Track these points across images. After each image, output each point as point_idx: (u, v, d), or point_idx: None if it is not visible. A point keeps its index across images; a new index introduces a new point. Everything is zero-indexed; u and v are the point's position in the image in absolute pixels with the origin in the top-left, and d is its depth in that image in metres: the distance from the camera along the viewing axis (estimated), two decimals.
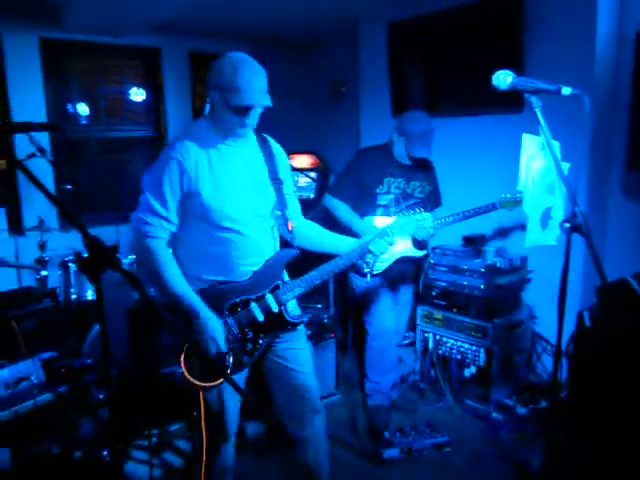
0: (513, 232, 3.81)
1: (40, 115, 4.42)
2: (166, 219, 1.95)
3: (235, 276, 2.06)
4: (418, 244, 3.13)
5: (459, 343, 3.57)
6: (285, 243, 2.20)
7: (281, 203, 2.16)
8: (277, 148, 2.24)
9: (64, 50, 4.67)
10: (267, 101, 1.96)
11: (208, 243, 2.02)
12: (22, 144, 3.66)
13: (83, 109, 4.93)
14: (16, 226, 4.34)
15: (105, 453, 2.79)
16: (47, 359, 2.51)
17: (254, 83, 1.92)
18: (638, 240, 3.32)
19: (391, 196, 3.17)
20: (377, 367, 3.40)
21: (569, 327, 3.11)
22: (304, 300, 4.74)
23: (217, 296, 2.02)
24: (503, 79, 1.72)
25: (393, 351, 3.44)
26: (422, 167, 3.25)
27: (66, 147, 4.74)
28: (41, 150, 3.51)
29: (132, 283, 1.28)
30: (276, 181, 2.14)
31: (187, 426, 3.17)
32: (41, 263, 3.50)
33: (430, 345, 3.74)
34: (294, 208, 2.30)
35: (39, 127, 1.30)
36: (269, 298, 2.09)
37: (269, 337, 2.12)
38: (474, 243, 3.77)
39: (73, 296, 3.41)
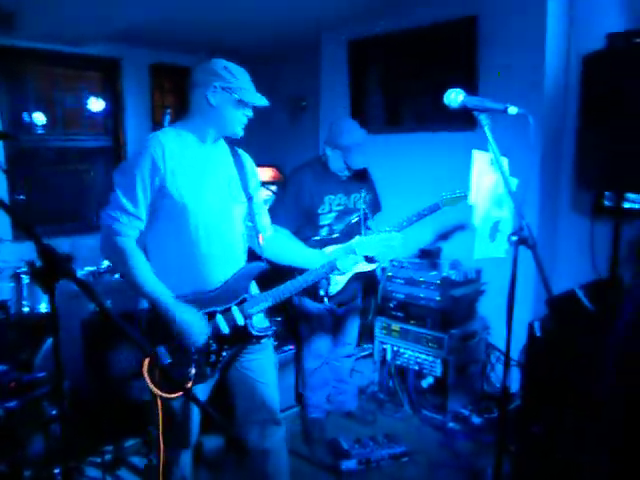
0: (468, 245, 3.91)
1: None
2: (135, 216, 1.92)
3: (202, 286, 2.04)
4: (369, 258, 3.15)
5: (416, 354, 3.64)
6: (254, 255, 2.19)
7: (252, 214, 2.17)
8: (248, 160, 2.27)
9: (19, 57, 4.58)
10: (266, 101, 2.12)
11: (177, 249, 2.00)
12: None
13: (39, 118, 4.83)
14: None
15: (57, 471, 2.71)
16: None
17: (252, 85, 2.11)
18: (586, 253, 3.46)
19: (333, 214, 3.15)
20: (308, 384, 3.45)
21: (522, 337, 3.22)
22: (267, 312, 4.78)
23: None
24: (454, 98, 1.79)
25: (325, 370, 3.48)
26: (360, 177, 3.24)
27: (20, 156, 4.63)
28: None
29: (87, 293, 1.27)
30: (247, 192, 2.15)
31: (143, 442, 3.12)
32: None
33: (388, 356, 3.79)
34: (264, 220, 2.31)
35: None
36: (235, 311, 2.07)
37: (233, 349, 2.11)
38: (430, 256, 3.86)
39: (25, 309, 3.32)
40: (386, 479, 3.01)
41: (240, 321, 2.07)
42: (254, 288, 2.20)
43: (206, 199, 2.00)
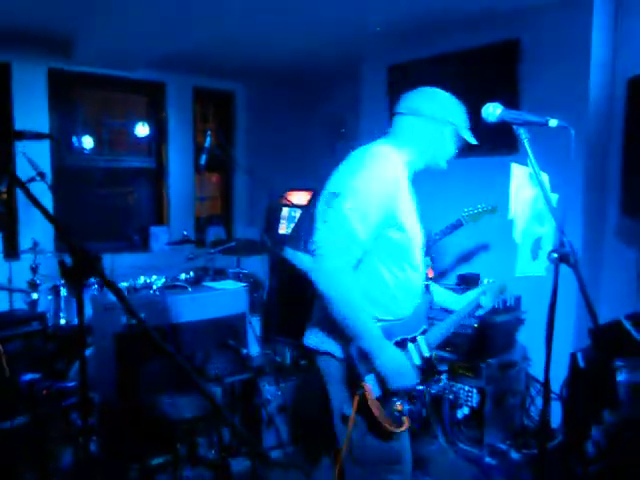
0: (507, 273, 3.80)
1: (44, 145, 4.49)
2: (361, 245, 1.73)
3: (399, 314, 1.90)
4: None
5: (452, 382, 3.51)
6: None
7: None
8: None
9: (71, 82, 4.78)
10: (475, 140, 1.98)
11: (388, 277, 1.85)
12: (23, 168, 3.72)
13: (87, 142, 5.01)
14: (12, 250, 4.38)
15: None
16: (29, 380, 2.46)
17: None
18: (632, 282, 3.31)
19: None
20: None
21: (563, 370, 3.07)
22: (298, 336, 4.74)
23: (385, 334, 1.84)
24: (492, 112, 1.75)
25: None
26: None
27: (67, 175, 4.79)
28: (41, 174, 3.55)
29: (115, 293, 1.27)
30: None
31: (170, 461, 3.08)
32: (33, 286, 3.49)
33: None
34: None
35: (33, 135, 1.31)
36: (421, 341, 1.92)
37: (424, 385, 2.03)
38: (468, 282, 3.75)
39: (62, 320, 3.38)
40: None
41: (426, 352, 1.92)
42: None
43: (417, 228, 1.92)
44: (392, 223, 1.78)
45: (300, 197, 5.18)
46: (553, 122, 1.64)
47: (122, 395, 2.89)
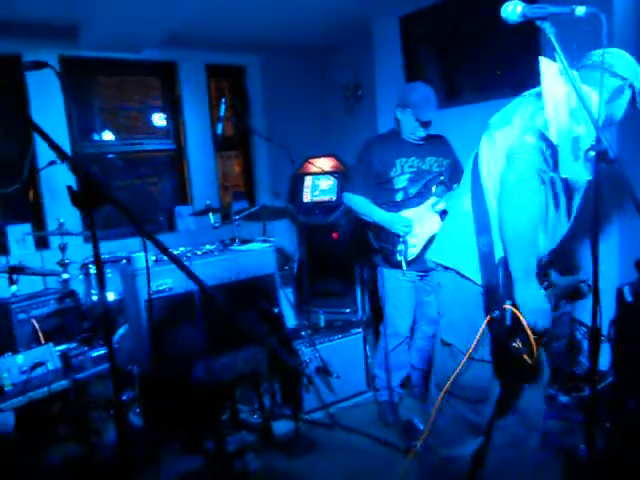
0: None
1: (62, 130, 4.50)
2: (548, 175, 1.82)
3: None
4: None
5: None
6: None
7: None
8: None
9: (82, 68, 4.77)
10: None
11: (549, 212, 1.91)
12: (44, 152, 3.72)
13: (108, 137, 5.03)
14: (42, 242, 4.45)
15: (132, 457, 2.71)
16: (64, 349, 2.47)
17: None
18: None
19: (406, 176, 3.07)
20: (383, 365, 3.29)
21: (609, 310, 2.92)
22: (330, 305, 4.69)
23: None
24: (512, 10, 1.63)
25: (403, 351, 3.29)
26: (436, 142, 3.17)
27: (87, 163, 4.81)
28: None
29: (128, 216, 1.21)
30: None
31: (213, 427, 3.07)
32: (62, 266, 3.52)
33: None
34: None
35: (32, 65, 1.26)
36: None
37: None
38: None
39: (94, 297, 3.40)
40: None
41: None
42: None
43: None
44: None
45: (322, 163, 5.11)
46: (580, 10, 1.51)
47: (158, 364, 2.88)
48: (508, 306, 1.75)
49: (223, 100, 3.81)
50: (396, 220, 2.95)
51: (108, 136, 5.04)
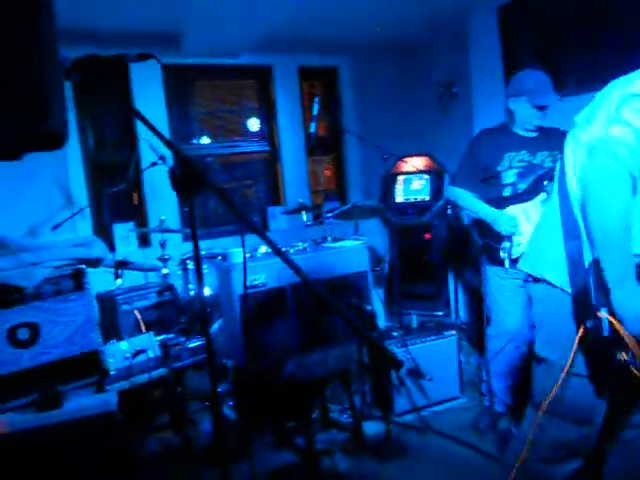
0: None
1: (163, 132, 4.72)
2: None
3: None
4: None
5: None
6: None
7: None
8: None
9: (184, 75, 4.99)
10: None
11: None
12: (146, 154, 3.92)
13: (205, 140, 5.23)
14: (144, 239, 4.70)
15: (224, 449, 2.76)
16: (163, 339, 2.57)
17: None
18: None
19: (515, 171, 2.92)
20: (490, 368, 3.10)
21: None
22: (422, 307, 4.58)
23: None
24: None
25: (513, 355, 3.08)
26: (551, 135, 2.96)
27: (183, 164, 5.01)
28: (162, 158, 3.72)
29: (224, 199, 1.22)
30: None
31: (303, 424, 3.08)
32: (162, 261, 3.68)
33: None
34: None
35: (135, 58, 1.30)
36: None
37: None
38: None
39: (191, 292, 3.53)
40: None
41: None
42: None
43: None
44: None
45: (416, 162, 5.01)
46: None
47: (251, 358, 2.92)
48: (603, 314, 1.57)
49: (316, 100, 3.83)
50: (502, 218, 2.80)
51: (205, 140, 5.24)
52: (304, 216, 3.63)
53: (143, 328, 2.83)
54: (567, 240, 1.72)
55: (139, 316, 2.89)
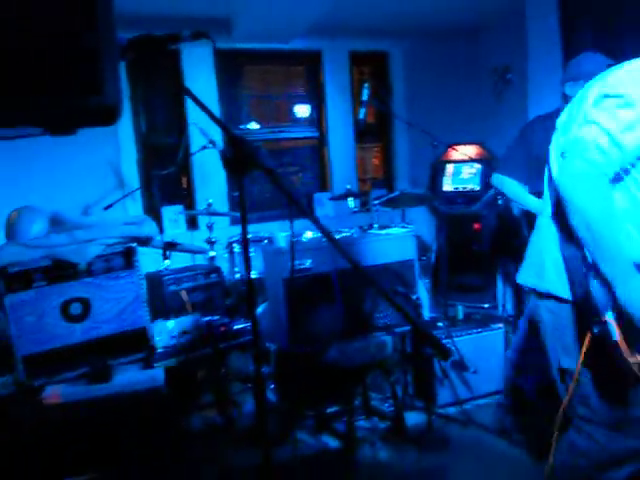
0: None
1: (215, 127, 4.77)
2: (622, 157, 1.52)
3: None
4: None
5: None
6: None
7: None
8: None
9: (233, 59, 5.01)
10: None
11: None
12: (196, 138, 3.96)
13: (254, 125, 5.24)
14: (192, 222, 4.78)
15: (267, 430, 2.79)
16: (209, 320, 2.61)
17: None
18: None
19: None
20: (521, 363, 2.99)
21: None
22: (468, 299, 4.48)
23: None
24: None
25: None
26: None
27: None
28: (212, 142, 3.75)
29: (274, 181, 1.21)
30: None
31: (344, 410, 3.08)
32: (209, 244, 3.73)
33: None
34: None
35: (189, 37, 1.30)
36: None
37: None
38: None
39: (237, 275, 3.57)
40: None
41: None
42: None
43: None
44: None
45: (467, 151, 4.89)
46: None
47: (294, 342, 2.94)
48: (609, 318, 1.47)
49: (366, 85, 3.78)
50: None
51: (254, 125, 5.26)
52: (351, 202, 3.61)
53: (189, 308, 2.87)
54: (562, 247, 1.63)
55: (186, 297, 2.94)
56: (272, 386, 3.19)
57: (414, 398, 3.28)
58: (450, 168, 4.96)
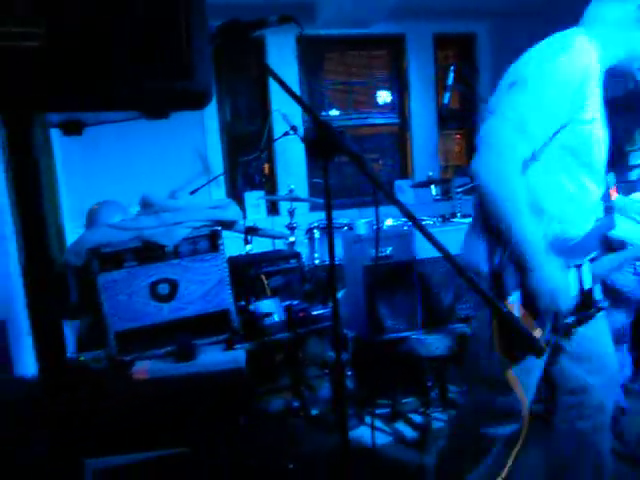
0: None
1: (297, 109, 4.81)
2: (531, 138, 1.51)
3: (570, 232, 1.64)
4: None
5: None
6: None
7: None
8: None
9: (317, 46, 5.01)
10: None
11: (561, 185, 1.60)
12: (279, 125, 4.00)
13: (334, 113, 5.24)
14: (273, 209, 4.86)
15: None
16: (288, 304, 2.64)
17: None
18: None
19: None
20: None
21: None
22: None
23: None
24: None
25: None
26: None
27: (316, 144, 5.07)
28: (294, 128, 3.77)
29: (360, 166, 1.18)
30: None
31: (421, 401, 3.03)
32: (290, 229, 3.77)
33: None
34: None
35: (276, 21, 1.30)
36: (585, 269, 1.66)
37: (572, 318, 1.67)
38: None
39: (316, 260, 3.59)
40: None
41: (587, 283, 1.67)
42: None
43: (602, 133, 1.63)
44: (575, 119, 1.53)
45: None
46: None
47: (372, 330, 2.92)
48: (512, 299, 1.54)
49: (452, 68, 3.66)
50: (629, 205, 2.47)
51: (334, 111, 5.25)
52: (433, 190, 3.52)
53: (269, 293, 2.92)
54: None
55: (265, 281, 2.99)
56: (349, 373, 3.20)
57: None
58: None
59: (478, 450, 1.82)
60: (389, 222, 3.28)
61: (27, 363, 2.42)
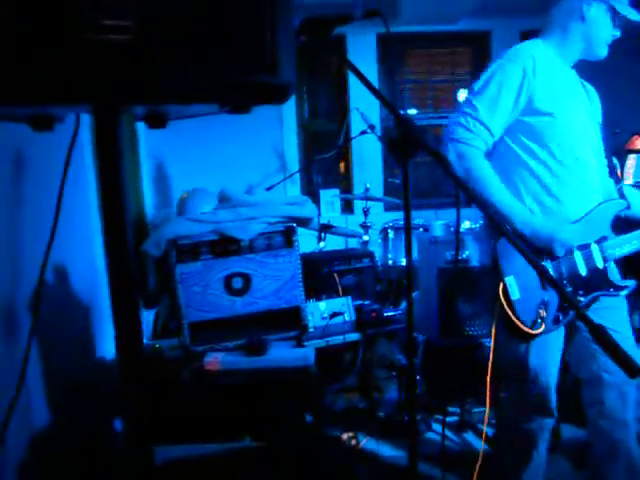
0: None
1: (374, 102, 4.76)
2: (489, 130, 1.79)
3: (563, 215, 1.82)
4: None
5: None
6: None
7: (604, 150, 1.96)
8: (594, 93, 2.08)
9: (398, 44, 4.93)
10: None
11: (537, 172, 1.82)
12: (356, 123, 3.98)
13: (413, 112, 5.14)
14: (348, 207, 4.84)
15: (406, 418, 2.75)
16: (359, 304, 2.62)
17: None
18: None
19: None
20: None
21: None
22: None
23: None
24: None
25: None
26: None
27: (395, 144, 5.00)
28: (371, 127, 3.74)
29: (442, 164, 1.14)
30: (599, 125, 1.98)
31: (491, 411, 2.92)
32: (364, 228, 3.74)
33: None
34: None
35: (360, 15, 1.28)
36: (594, 249, 1.82)
37: (588, 298, 1.80)
38: None
39: (390, 261, 3.54)
40: None
41: (599, 263, 1.82)
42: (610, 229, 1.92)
43: (574, 120, 1.83)
44: (529, 109, 1.78)
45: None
46: None
47: (444, 334, 2.84)
48: (508, 281, 1.79)
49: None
50: None
51: (413, 110, 5.15)
52: None
53: (341, 291, 2.91)
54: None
55: (337, 279, 2.98)
56: (418, 377, 3.13)
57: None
58: (632, 159, 4.42)
59: (522, 447, 1.98)
60: (467, 224, 3.18)
61: (108, 347, 2.54)
